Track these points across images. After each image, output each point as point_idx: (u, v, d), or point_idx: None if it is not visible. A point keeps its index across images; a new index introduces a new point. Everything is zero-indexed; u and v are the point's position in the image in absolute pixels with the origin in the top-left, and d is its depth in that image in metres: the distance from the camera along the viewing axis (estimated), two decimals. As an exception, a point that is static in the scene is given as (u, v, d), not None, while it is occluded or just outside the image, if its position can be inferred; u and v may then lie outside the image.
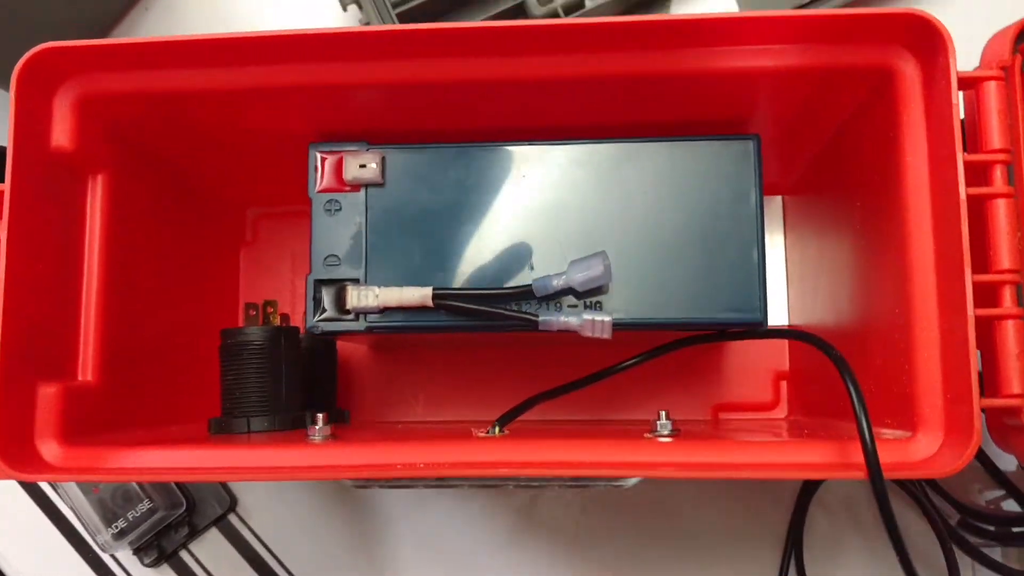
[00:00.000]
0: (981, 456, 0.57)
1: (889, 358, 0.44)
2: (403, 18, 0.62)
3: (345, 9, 0.63)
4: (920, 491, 0.54)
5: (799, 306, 0.59)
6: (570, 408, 0.59)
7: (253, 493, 0.62)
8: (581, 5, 0.63)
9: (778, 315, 0.61)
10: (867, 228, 0.47)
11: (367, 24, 0.62)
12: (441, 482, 0.49)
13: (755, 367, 0.61)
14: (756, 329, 0.48)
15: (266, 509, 0.62)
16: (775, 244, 0.62)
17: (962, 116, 0.40)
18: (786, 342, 0.61)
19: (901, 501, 0.58)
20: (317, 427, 0.44)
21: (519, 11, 0.63)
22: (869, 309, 0.47)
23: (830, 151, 0.52)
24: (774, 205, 0.63)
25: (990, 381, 0.40)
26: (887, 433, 0.43)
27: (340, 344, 0.60)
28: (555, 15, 0.62)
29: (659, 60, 0.44)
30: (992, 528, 0.59)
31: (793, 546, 0.60)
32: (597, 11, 0.63)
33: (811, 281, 0.57)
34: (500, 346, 0.62)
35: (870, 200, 0.47)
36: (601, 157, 0.48)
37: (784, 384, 0.61)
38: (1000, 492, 0.60)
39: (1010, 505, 0.60)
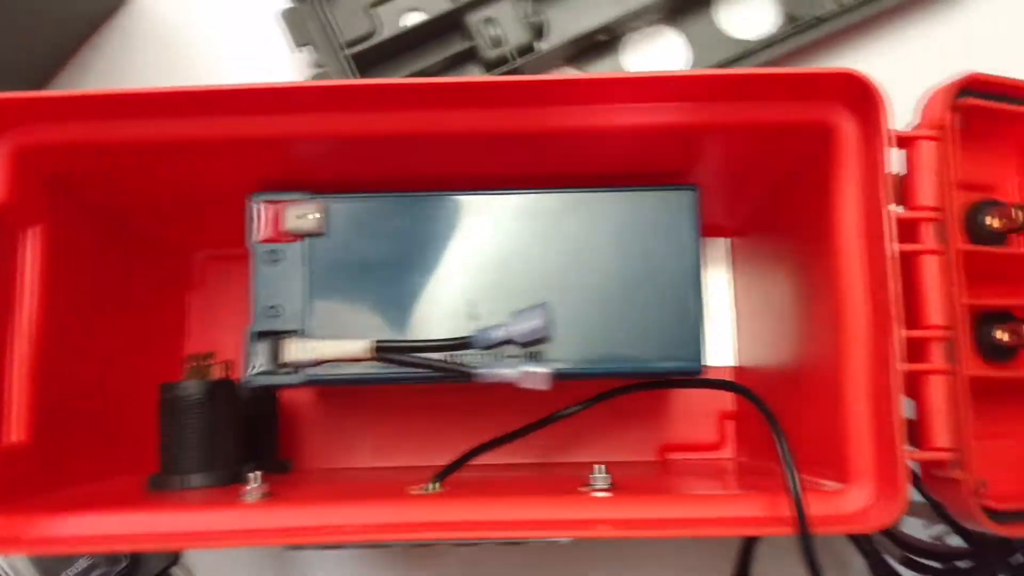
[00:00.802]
0: (924, 492, 0.58)
1: (824, 406, 0.44)
2: (357, 59, 0.62)
3: (299, 50, 0.63)
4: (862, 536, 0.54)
5: (747, 347, 0.60)
6: (518, 451, 0.59)
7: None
8: (531, 49, 0.63)
9: (726, 356, 0.62)
10: (804, 276, 0.48)
11: (321, 66, 0.62)
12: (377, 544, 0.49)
13: (701, 408, 0.61)
14: (692, 378, 0.48)
15: (210, 562, 0.61)
16: (722, 285, 0.62)
17: (903, 172, 0.41)
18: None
19: (844, 540, 0.58)
20: (251, 487, 0.44)
21: (471, 54, 0.64)
22: (806, 356, 0.48)
23: (773, 197, 0.53)
24: (722, 246, 0.63)
25: (921, 434, 0.40)
26: (827, 484, 0.43)
27: (287, 391, 0.59)
28: (506, 59, 0.62)
29: (594, 115, 0.44)
30: (939, 565, 0.59)
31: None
32: (549, 55, 0.63)
33: (757, 323, 0.57)
34: (450, 390, 0.61)
35: (807, 249, 0.47)
36: (545, 207, 0.49)
37: (730, 424, 0.61)
38: (944, 527, 0.61)
39: (955, 540, 0.61)
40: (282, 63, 0.65)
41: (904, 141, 0.40)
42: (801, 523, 0.37)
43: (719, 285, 0.62)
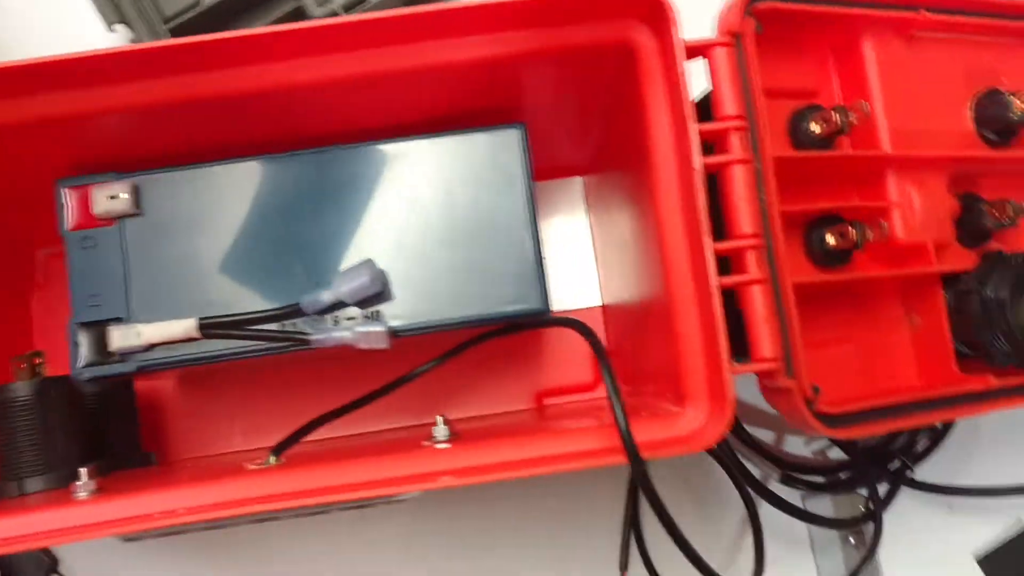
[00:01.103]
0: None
1: (662, 332, 0.43)
2: (176, 33, 0.59)
3: (112, 29, 0.60)
4: (726, 453, 0.54)
5: (607, 285, 0.59)
6: (390, 416, 0.58)
7: (72, 551, 0.59)
8: (360, 0, 0.61)
9: (593, 296, 0.61)
10: (637, 205, 0.47)
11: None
12: (220, 523, 0.48)
13: (573, 350, 0.60)
14: (532, 319, 0.47)
15: (88, 567, 0.59)
16: (582, 225, 0.61)
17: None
18: (601, 321, 0.60)
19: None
20: (81, 483, 0.42)
21: (298, 14, 0.61)
22: (646, 285, 0.47)
23: (607, 129, 0.51)
24: (578, 186, 0.62)
25: (749, 346, 0.39)
26: (671, 409, 0.43)
27: (143, 381, 0.57)
28: (336, 14, 0.60)
29: (399, 56, 0.43)
30: (821, 479, 0.60)
31: (632, 526, 0.59)
32: (380, 5, 0.61)
33: (613, 260, 0.57)
34: (315, 361, 0.60)
35: (636, 178, 0.46)
36: (367, 160, 0.47)
37: (606, 363, 0.60)
38: (825, 441, 0.61)
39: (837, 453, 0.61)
40: (96, 44, 0.62)
41: (696, 50, 0.39)
42: (629, 450, 0.37)
43: (579, 225, 0.61)
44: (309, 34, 0.40)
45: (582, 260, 0.61)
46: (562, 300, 0.61)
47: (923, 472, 0.60)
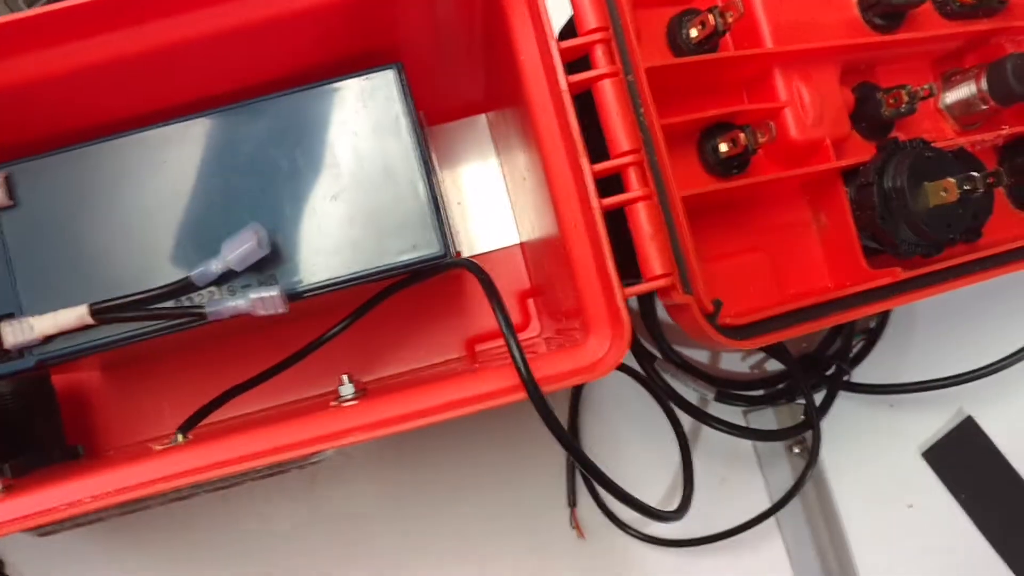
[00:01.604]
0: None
1: (563, 263, 0.42)
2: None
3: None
4: (652, 377, 0.53)
5: (520, 223, 0.58)
6: (309, 385, 0.57)
7: (18, 552, 0.58)
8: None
9: (511, 235, 0.60)
10: (523, 135, 0.45)
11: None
12: (132, 506, 0.47)
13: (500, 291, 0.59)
14: (435, 264, 0.46)
15: (34, 565, 0.58)
16: (493, 165, 0.60)
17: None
18: (521, 262, 0.59)
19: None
20: (-12, 481, 0.41)
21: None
22: (545, 217, 0.46)
23: (486, 62, 0.50)
24: (483, 125, 0.60)
25: (640, 265, 0.39)
26: (582, 339, 0.42)
27: (63, 375, 0.56)
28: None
29: (253, 6, 0.41)
30: (760, 392, 0.59)
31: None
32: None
33: (518, 196, 0.55)
34: (240, 334, 0.59)
35: (517, 106, 0.45)
36: (239, 122, 0.45)
37: (531, 302, 0.59)
38: (762, 355, 0.61)
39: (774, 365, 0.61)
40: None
41: (547, -34, 0.38)
42: (527, 383, 0.36)
43: (491, 165, 0.60)
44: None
45: (496, 200, 0.60)
46: (481, 242, 0.60)
47: (862, 374, 0.59)
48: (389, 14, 0.44)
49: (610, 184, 0.38)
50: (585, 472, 0.36)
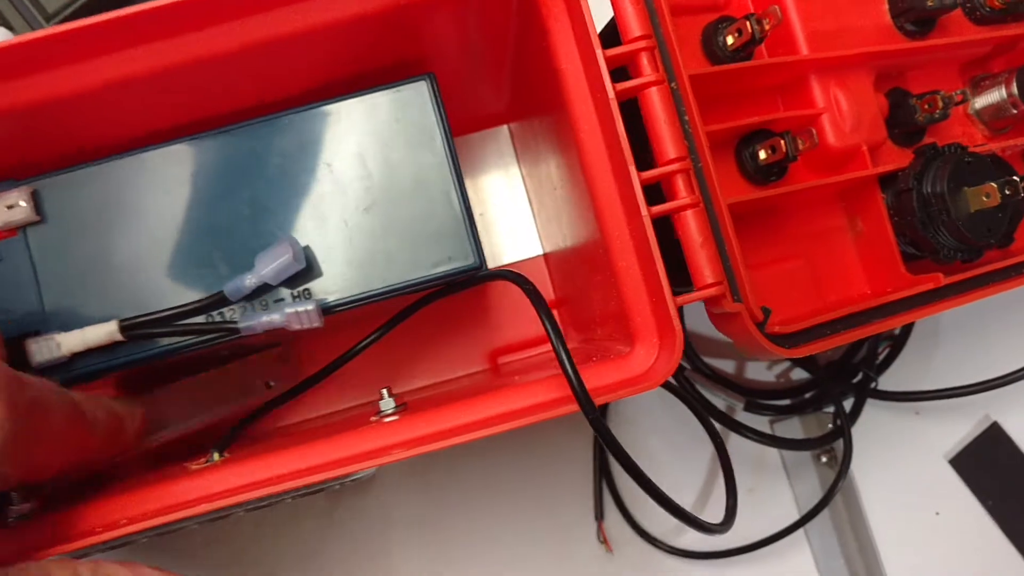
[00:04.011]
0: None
1: (603, 273, 0.42)
2: (62, 29, 0.56)
3: (-10, 34, 0.56)
4: (687, 388, 0.53)
5: (546, 233, 0.57)
6: (340, 397, 0.56)
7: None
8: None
9: (534, 246, 0.59)
10: (559, 144, 0.45)
11: (20, 44, 0.56)
12: (165, 528, 0.46)
13: (521, 304, 0.57)
14: (472, 276, 0.45)
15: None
16: (515, 174, 0.59)
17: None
18: (545, 272, 0.59)
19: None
20: (14, 506, 0.40)
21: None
22: (581, 225, 0.45)
23: (517, 71, 0.49)
24: (505, 135, 0.60)
25: (691, 274, 0.38)
26: (622, 351, 0.41)
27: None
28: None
29: (284, 19, 0.40)
30: (787, 402, 0.59)
31: (603, 474, 0.58)
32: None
33: (545, 206, 0.55)
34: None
35: (553, 115, 0.44)
36: (269, 135, 0.44)
37: (555, 313, 0.59)
38: (787, 363, 0.60)
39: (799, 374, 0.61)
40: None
41: (593, -26, 0.37)
42: (579, 397, 0.35)
43: (512, 176, 0.60)
44: (188, 7, 0.38)
45: (519, 211, 0.59)
46: (504, 253, 0.59)
47: (886, 381, 0.59)
48: (423, 25, 0.44)
49: (650, 193, 0.37)
50: (644, 488, 0.35)
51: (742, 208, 0.40)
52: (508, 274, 0.42)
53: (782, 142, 0.42)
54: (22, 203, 0.43)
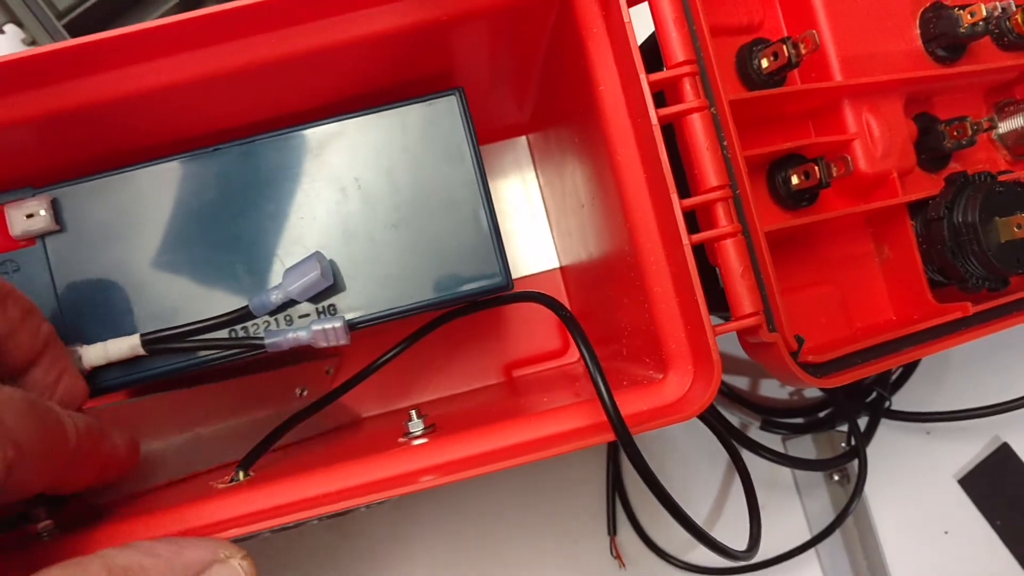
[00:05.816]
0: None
1: (634, 294, 0.41)
2: (73, 28, 0.55)
3: (1, 31, 0.55)
4: (710, 410, 0.53)
5: (563, 247, 0.57)
6: (367, 404, 0.56)
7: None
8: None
9: (550, 259, 0.59)
10: (588, 160, 0.45)
11: (32, 43, 0.55)
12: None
13: (537, 317, 0.58)
14: (500, 295, 0.45)
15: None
16: (533, 187, 0.59)
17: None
18: (561, 284, 0.58)
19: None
20: (40, 525, 0.39)
21: (194, 2, 0.57)
22: (609, 244, 0.45)
23: (544, 83, 0.49)
24: (523, 146, 0.59)
25: (730, 303, 0.38)
26: (653, 376, 0.41)
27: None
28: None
29: (313, 33, 0.40)
30: (801, 420, 0.59)
31: (615, 486, 0.58)
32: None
33: (565, 220, 0.55)
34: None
35: (583, 130, 0.44)
36: (295, 147, 0.44)
37: (572, 327, 0.58)
38: (802, 382, 0.60)
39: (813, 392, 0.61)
40: (-7, 48, 0.57)
41: (637, -2, 0.37)
42: (618, 430, 0.35)
43: (530, 186, 0.59)
44: (214, 20, 0.37)
45: (536, 223, 0.59)
46: (522, 264, 0.59)
47: (897, 401, 0.59)
48: (457, 40, 0.43)
49: (687, 219, 0.37)
50: (674, 516, 0.35)
51: (777, 235, 0.40)
52: (540, 297, 0.42)
53: (816, 168, 0.42)
54: (42, 212, 0.42)
